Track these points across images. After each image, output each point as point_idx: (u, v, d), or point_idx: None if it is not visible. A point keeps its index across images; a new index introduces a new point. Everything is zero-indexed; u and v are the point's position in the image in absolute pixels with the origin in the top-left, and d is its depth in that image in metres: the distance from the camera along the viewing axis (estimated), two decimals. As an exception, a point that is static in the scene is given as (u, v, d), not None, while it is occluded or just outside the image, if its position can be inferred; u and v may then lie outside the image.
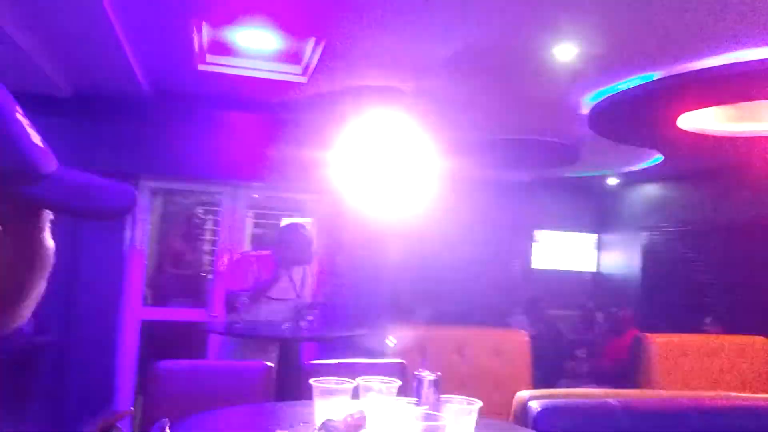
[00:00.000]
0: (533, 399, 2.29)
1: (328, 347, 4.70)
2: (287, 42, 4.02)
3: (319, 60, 4.05)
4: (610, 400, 2.36)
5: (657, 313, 7.25)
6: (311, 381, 1.65)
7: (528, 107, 5.03)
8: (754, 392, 3.73)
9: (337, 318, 4.57)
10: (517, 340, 4.68)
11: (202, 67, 4.29)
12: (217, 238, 5.68)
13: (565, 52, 3.77)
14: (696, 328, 5.92)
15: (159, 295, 5.88)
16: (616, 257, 8.34)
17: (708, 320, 5.97)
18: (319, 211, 5.80)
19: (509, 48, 3.84)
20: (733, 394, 2.70)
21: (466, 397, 1.63)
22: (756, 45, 3.53)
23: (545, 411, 2.22)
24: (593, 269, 8.65)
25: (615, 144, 5.79)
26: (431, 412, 1.54)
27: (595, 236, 8.68)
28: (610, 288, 8.20)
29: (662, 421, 2.34)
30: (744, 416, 2.45)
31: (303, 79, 4.43)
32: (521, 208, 8.34)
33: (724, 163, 6.31)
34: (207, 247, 6.07)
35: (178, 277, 6.06)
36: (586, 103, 4.75)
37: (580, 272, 8.62)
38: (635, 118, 4.94)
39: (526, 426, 2.20)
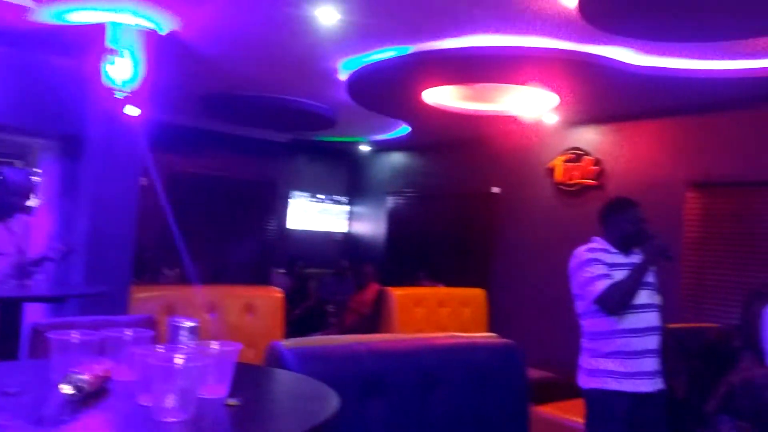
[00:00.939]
0: (284, 346, 2.36)
1: (62, 308, 4.29)
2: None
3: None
4: (356, 344, 2.54)
5: (400, 269, 7.91)
6: (48, 334, 1.50)
7: (285, 68, 5.03)
8: (474, 333, 4.28)
9: (71, 275, 4.18)
10: (271, 297, 4.73)
11: None
12: None
13: (327, 15, 3.85)
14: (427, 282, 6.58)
15: None
16: (365, 219, 8.87)
17: (420, 273, 6.66)
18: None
19: (268, 5, 3.81)
20: (458, 334, 3.08)
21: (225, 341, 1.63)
22: (495, 32, 3.97)
23: (296, 354, 2.30)
24: (344, 230, 9.09)
25: (368, 112, 6.11)
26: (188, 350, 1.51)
27: (346, 199, 9.11)
28: (360, 248, 8.71)
29: (402, 360, 2.58)
30: (466, 351, 2.83)
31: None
32: (277, 169, 8.44)
33: (462, 138, 7.06)
34: None
35: None
36: (344, 69, 4.92)
37: (333, 233, 9.01)
38: (387, 89, 5.25)
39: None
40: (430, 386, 2.57)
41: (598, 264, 2.92)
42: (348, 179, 9.15)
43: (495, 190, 6.80)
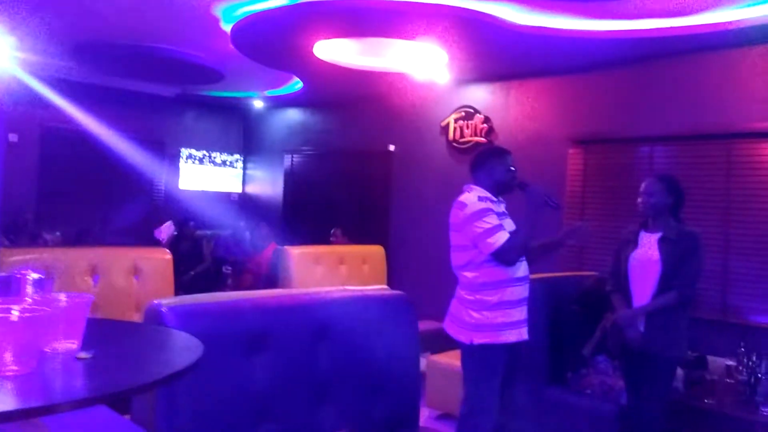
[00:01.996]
0: (164, 305, 2.27)
1: None
2: None
3: None
4: (240, 300, 2.47)
5: (298, 228, 7.84)
6: None
7: (162, 14, 4.69)
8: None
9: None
10: (158, 259, 4.55)
11: None
12: None
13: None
14: (328, 240, 6.58)
15: None
16: (262, 178, 8.68)
17: (334, 231, 6.66)
18: None
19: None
20: (348, 287, 3.08)
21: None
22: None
23: (175, 313, 2.22)
24: (240, 190, 8.85)
25: (259, 65, 5.91)
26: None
27: (240, 157, 8.84)
28: (256, 207, 8.53)
29: (288, 314, 2.55)
30: (356, 303, 2.83)
31: None
32: (165, 126, 8.04)
33: (357, 95, 7.00)
34: None
35: None
36: (225, 17, 4.68)
37: (228, 193, 8.75)
38: (274, 41, 5.08)
39: (157, 330, 2.18)
40: (318, 340, 2.56)
41: (492, 214, 2.92)
42: (242, 137, 8.87)
43: (391, 148, 6.83)
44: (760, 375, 3.47)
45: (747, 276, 4.36)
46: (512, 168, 3.10)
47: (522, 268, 3.02)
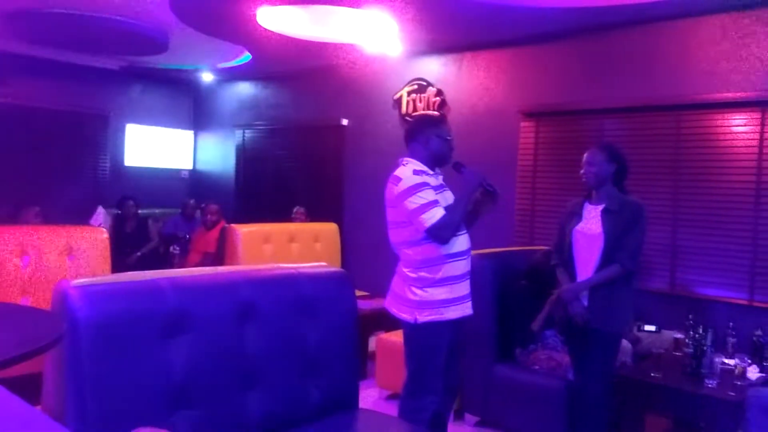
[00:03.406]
0: (72, 285, 2.10)
1: None
2: None
3: None
4: (159, 279, 2.31)
5: (251, 205, 7.66)
6: None
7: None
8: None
9: None
10: (94, 238, 4.35)
11: None
12: None
13: None
14: (286, 218, 6.42)
15: None
16: (212, 154, 8.42)
17: (296, 210, 6.50)
18: None
19: None
20: (281, 264, 2.93)
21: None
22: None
23: (85, 293, 2.06)
24: (190, 167, 8.58)
25: (204, 36, 5.66)
26: None
27: (191, 133, 8.56)
28: (207, 184, 8.29)
29: (212, 293, 2.40)
30: (288, 280, 2.69)
31: None
32: (109, 99, 7.72)
33: (309, 68, 6.80)
34: None
35: None
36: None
37: (177, 170, 8.47)
38: (215, 6, 4.84)
39: (64, 313, 2.01)
40: (245, 320, 2.41)
41: (427, 189, 2.80)
42: (192, 111, 8.57)
43: (344, 122, 6.66)
44: (705, 348, 3.46)
45: (695, 248, 4.35)
46: (449, 138, 2.98)
47: (463, 242, 2.92)
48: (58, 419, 2.03)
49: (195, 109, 8.55)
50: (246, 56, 6.52)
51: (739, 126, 4.18)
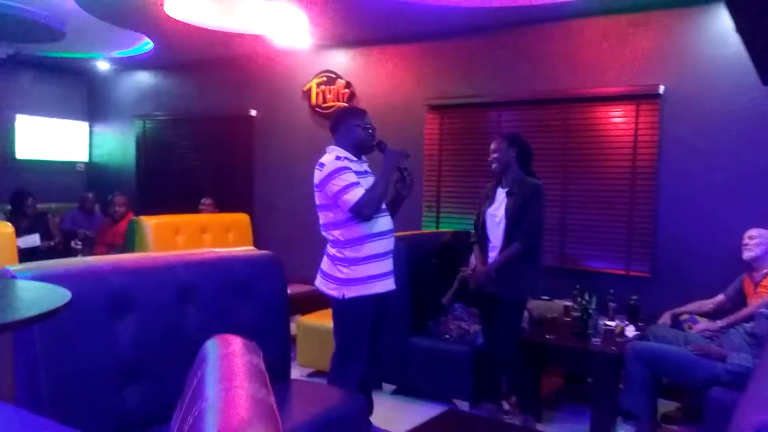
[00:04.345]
0: (14, 271, 2.15)
1: None
2: None
3: None
4: (102, 264, 2.40)
5: (155, 197, 7.52)
6: None
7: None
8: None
9: None
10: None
11: None
12: None
13: None
14: (194, 209, 6.39)
15: None
16: (110, 146, 8.18)
17: (204, 201, 6.48)
18: None
19: None
20: (215, 249, 3.06)
21: None
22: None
23: (29, 279, 2.12)
24: (86, 159, 8.28)
25: (105, 23, 5.54)
26: None
27: (85, 124, 8.25)
28: (106, 177, 8.04)
29: (152, 276, 2.51)
30: (222, 264, 2.84)
31: None
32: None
33: (215, 57, 6.78)
34: None
35: None
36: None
37: (73, 162, 8.15)
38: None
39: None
40: (184, 301, 2.56)
41: (348, 172, 3.01)
42: (86, 102, 8.26)
43: (252, 112, 6.72)
44: (590, 312, 3.94)
45: (581, 227, 4.86)
46: (369, 127, 3.21)
47: (385, 223, 3.16)
48: (9, 400, 2.09)
49: (90, 100, 8.24)
50: (145, 44, 6.40)
51: (617, 117, 4.71)
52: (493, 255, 3.64)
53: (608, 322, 4.04)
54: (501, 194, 3.66)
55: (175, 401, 2.48)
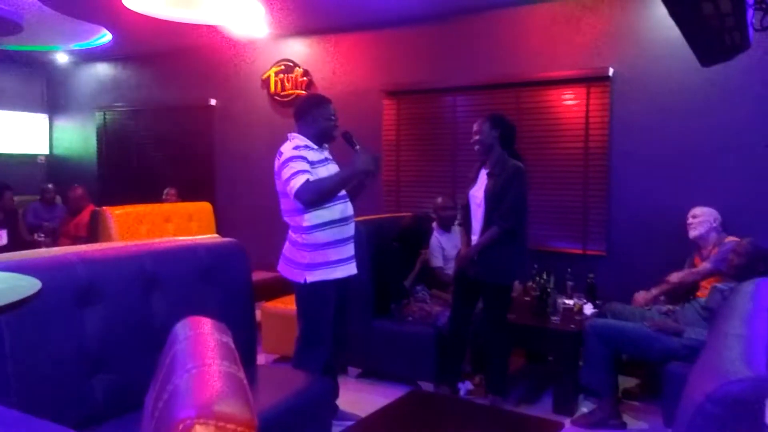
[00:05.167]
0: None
1: None
2: None
3: None
4: (68, 254, 2.45)
5: (116, 188, 7.48)
6: None
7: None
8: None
9: None
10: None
11: None
12: None
13: None
14: (156, 199, 6.38)
15: None
16: (71, 138, 8.09)
17: (167, 191, 6.47)
18: None
19: None
20: (179, 237, 3.12)
21: None
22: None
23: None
24: (46, 152, 8.18)
25: (62, 16, 5.48)
26: None
27: (45, 116, 8.14)
28: (67, 169, 7.96)
29: (118, 266, 2.57)
30: (187, 252, 2.91)
31: None
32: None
33: (174, 48, 6.74)
34: None
35: None
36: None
37: (33, 155, 8.05)
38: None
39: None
40: (150, 289, 2.61)
41: (300, 160, 3.05)
42: (46, 94, 8.14)
43: (212, 102, 6.72)
44: (549, 290, 4.07)
45: (537, 207, 4.96)
46: (332, 117, 3.27)
47: (345, 209, 3.25)
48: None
49: (49, 92, 8.13)
50: (103, 35, 6.35)
51: (569, 100, 4.85)
52: (474, 238, 3.66)
53: (567, 301, 4.13)
54: (483, 175, 3.66)
55: (143, 390, 2.56)
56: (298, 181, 3.02)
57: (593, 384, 3.65)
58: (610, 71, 4.62)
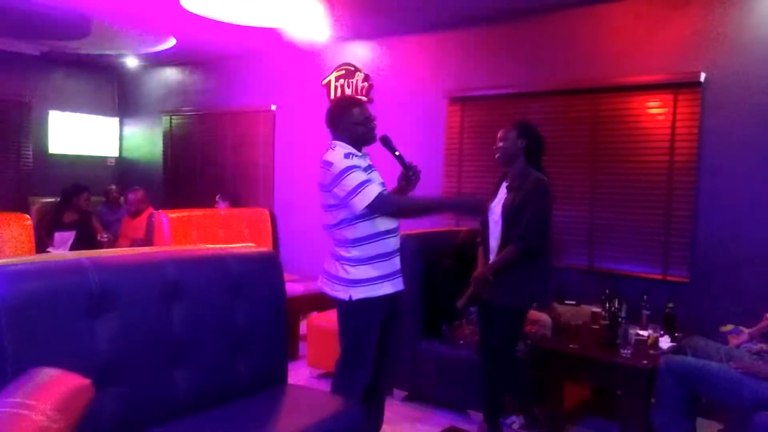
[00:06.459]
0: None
1: None
2: None
3: None
4: (81, 259, 2.27)
5: (181, 192, 7.53)
6: None
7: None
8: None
9: None
10: (15, 224, 4.36)
11: None
12: None
13: None
14: (211, 205, 6.35)
15: None
16: (139, 141, 8.21)
17: (218, 198, 6.43)
18: None
19: None
20: (208, 246, 2.91)
21: None
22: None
23: (5, 274, 2.01)
24: (116, 154, 8.35)
25: (127, 22, 5.51)
26: None
27: (116, 120, 8.31)
28: (135, 172, 8.09)
29: (136, 273, 2.38)
30: (214, 260, 2.69)
31: None
32: (30, 86, 7.42)
33: (236, 53, 6.71)
34: None
35: None
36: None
37: (103, 157, 8.23)
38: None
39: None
40: (170, 299, 2.40)
41: (358, 171, 2.80)
42: (117, 98, 8.32)
43: (273, 107, 6.62)
44: (620, 319, 3.63)
45: (611, 226, 4.55)
46: (365, 119, 2.96)
47: (392, 221, 2.97)
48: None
49: (120, 96, 8.31)
50: (171, 41, 6.37)
51: (653, 108, 4.38)
52: (491, 258, 3.35)
53: (640, 332, 3.68)
54: (503, 189, 3.37)
55: (156, 405, 2.38)
56: (368, 194, 2.76)
57: (665, 428, 3.18)
58: (702, 76, 4.13)
